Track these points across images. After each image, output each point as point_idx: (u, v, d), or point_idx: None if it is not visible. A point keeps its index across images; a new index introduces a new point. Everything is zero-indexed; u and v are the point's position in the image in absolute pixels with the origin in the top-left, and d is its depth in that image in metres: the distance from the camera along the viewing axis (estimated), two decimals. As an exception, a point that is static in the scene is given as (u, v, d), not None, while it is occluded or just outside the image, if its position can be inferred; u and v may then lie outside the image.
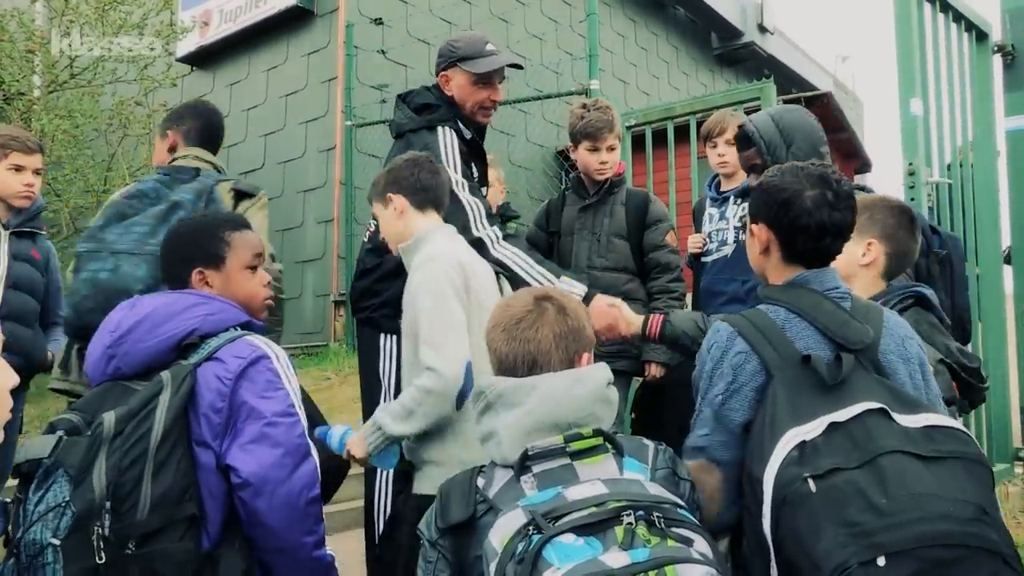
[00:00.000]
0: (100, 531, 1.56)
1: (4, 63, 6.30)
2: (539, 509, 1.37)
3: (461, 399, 2.25)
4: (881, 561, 1.38)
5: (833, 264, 2.15)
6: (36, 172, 3.32)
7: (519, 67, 3.38)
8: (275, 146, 8.56)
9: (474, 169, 3.12)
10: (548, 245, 3.63)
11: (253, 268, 2.10)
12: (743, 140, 2.95)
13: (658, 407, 3.55)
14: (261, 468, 1.73)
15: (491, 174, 4.06)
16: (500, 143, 8.93)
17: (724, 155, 3.77)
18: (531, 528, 1.34)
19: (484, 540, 1.42)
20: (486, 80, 3.20)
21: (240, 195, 2.86)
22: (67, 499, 1.59)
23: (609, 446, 1.54)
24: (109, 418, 1.65)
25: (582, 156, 3.52)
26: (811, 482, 1.47)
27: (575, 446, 1.50)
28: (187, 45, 8.79)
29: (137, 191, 2.72)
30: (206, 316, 1.86)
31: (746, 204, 3.62)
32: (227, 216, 2.18)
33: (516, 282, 2.78)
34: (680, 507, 1.44)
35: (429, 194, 2.62)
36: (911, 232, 2.36)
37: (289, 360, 1.90)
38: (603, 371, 1.66)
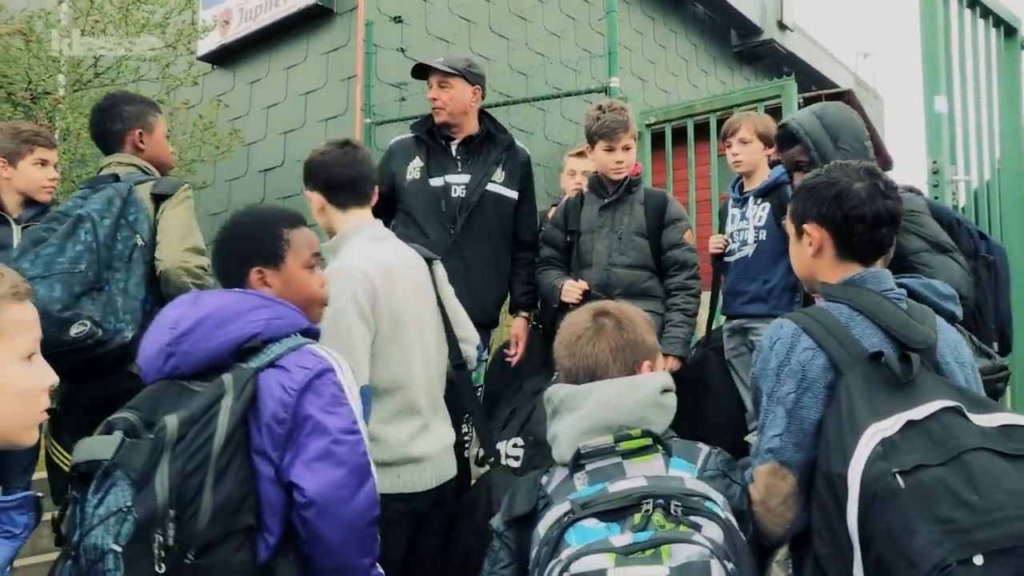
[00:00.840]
0: (162, 539, 1.51)
1: (32, 63, 6.36)
2: (579, 500, 1.50)
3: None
4: (979, 560, 1.37)
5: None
6: (55, 167, 3.40)
7: (427, 70, 3.63)
8: (295, 144, 8.58)
9: (421, 159, 3.56)
10: (567, 245, 3.70)
11: (311, 267, 2.05)
12: (786, 139, 2.95)
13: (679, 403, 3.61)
14: (326, 487, 1.67)
15: (575, 163, 4.36)
16: (519, 140, 8.93)
17: (738, 154, 3.81)
18: (568, 516, 1.47)
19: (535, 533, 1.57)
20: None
21: (159, 198, 2.88)
22: (129, 504, 1.52)
23: (659, 447, 1.65)
24: (172, 421, 1.59)
25: (599, 156, 3.60)
26: (899, 478, 1.46)
27: (624, 446, 1.63)
28: (208, 44, 8.83)
29: (56, 213, 2.80)
30: (269, 320, 1.80)
31: (766, 204, 3.68)
32: (284, 212, 2.10)
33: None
34: (709, 499, 1.52)
35: (344, 192, 2.58)
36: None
37: (349, 368, 1.84)
38: (659, 379, 1.78)
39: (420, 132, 3.72)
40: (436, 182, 3.60)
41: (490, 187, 3.62)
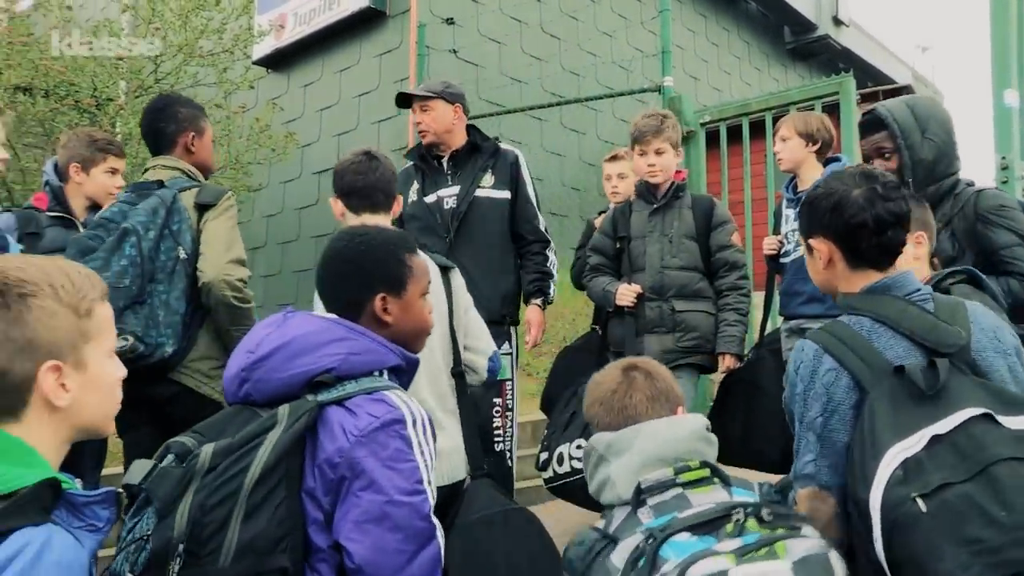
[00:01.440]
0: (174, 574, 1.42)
1: (96, 71, 6.54)
2: (657, 527, 1.48)
3: None
4: None
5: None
6: (122, 175, 3.50)
7: (410, 98, 3.83)
8: (348, 146, 8.68)
9: (418, 182, 3.77)
10: (616, 251, 3.79)
11: (425, 295, 1.96)
12: (871, 125, 2.93)
13: (727, 400, 3.67)
14: (375, 554, 1.52)
15: (609, 167, 4.44)
16: (571, 141, 8.94)
17: (779, 152, 3.83)
18: (649, 541, 1.44)
19: (605, 570, 1.52)
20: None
21: (202, 207, 2.88)
22: (148, 533, 1.45)
23: (716, 479, 1.64)
24: (207, 451, 1.50)
25: (634, 159, 3.75)
26: (920, 502, 1.41)
27: (684, 477, 1.63)
28: (263, 48, 8.98)
29: (102, 220, 2.81)
30: (348, 355, 1.67)
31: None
32: (402, 236, 1.99)
33: None
34: (787, 508, 1.54)
35: (356, 197, 2.69)
36: (931, 212, 2.43)
37: (429, 422, 1.69)
38: (698, 419, 1.80)
39: (414, 158, 3.91)
40: (430, 199, 3.76)
41: (479, 193, 3.74)
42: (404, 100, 3.86)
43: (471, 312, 2.87)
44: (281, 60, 9.32)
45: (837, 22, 13.87)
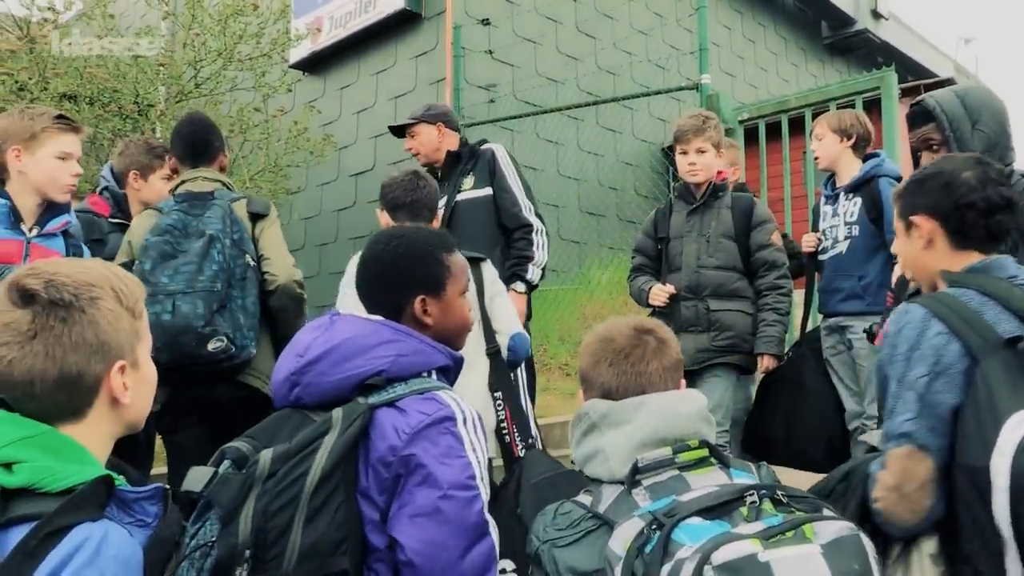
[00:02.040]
0: None
1: (139, 77, 6.65)
2: (659, 511, 1.41)
3: None
4: None
5: (903, 261, 2.19)
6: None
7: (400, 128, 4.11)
8: (385, 148, 8.74)
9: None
10: (657, 252, 3.81)
11: (464, 293, 1.95)
12: (919, 116, 2.89)
13: (767, 399, 3.67)
14: (427, 548, 1.53)
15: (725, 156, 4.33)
16: (607, 140, 8.91)
17: (815, 150, 3.83)
18: (653, 527, 1.38)
19: (593, 552, 1.46)
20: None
21: (255, 216, 3.03)
22: (213, 540, 1.47)
23: (715, 460, 1.58)
24: (266, 457, 1.52)
25: (677, 159, 3.77)
26: None
27: (683, 457, 1.55)
28: (299, 52, 9.06)
29: (167, 226, 2.89)
30: (397, 357, 1.69)
31: (857, 199, 3.63)
32: (440, 236, 2.00)
33: None
34: (800, 491, 1.48)
35: (402, 211, 3.04)
36: None
37: (479, 420, 1.70)
38: (701, 396, 1.71)
39: None
40: None
41: (460, 197, 3.90)
42: (397, 131, 4.14)
43: (498, 298, 3.06)
44: (317, 63, 9.40)
45: (876, 15, 13.67)
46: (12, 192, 2.74)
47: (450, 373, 1.83)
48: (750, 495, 1.40)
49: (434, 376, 1.75)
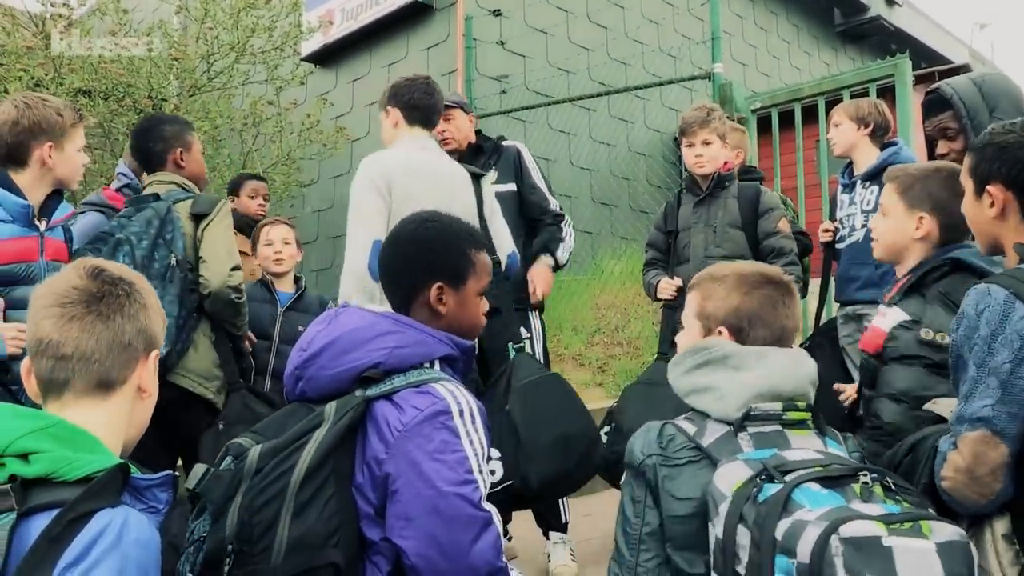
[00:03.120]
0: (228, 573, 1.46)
1: (152, 71, 6.69)
2: (768, 462, 1.48)
3: (372, 271, 2.80)
4: None
5: (883, 239, 2.32)
6: None
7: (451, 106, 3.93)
8: (397, 140, 8.76)
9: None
10: (668, 245, 3.85)
11: (482, 295, 1.96)
12: (935, 104, 2.85)
13: None
14: (430, 548, 1.53)
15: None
16: (619, 131, 8.89)
17: (831, 137, 3.84)
18: (763, 476, 1.46)
19: (694, 483, 1.58)
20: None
21: (198, 217, 3.01)
22: (204, 535, 1.50)
23: (812, 424, 1.67)
24: (254, 452, 1.54)
25: (683, 151, 3.80)
26: None
27: (791, 416, 1.65)
28: (311, 45, 9.06)
29: (101, 233, 2.94)
30: (394, 349, 1.69)
31: (874, 187, 3.62)
32: (472, 230, 2.01)
33: None
34: (902, 479, 1.53)
35: (417, 112, 3.15)
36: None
37: (477, 410, 1.69)
38: (812, 361, 1.78)
39: None
40: None
41: None
42: None
43: (497, 217, 3.24)
44: (329, 56, 9.41)
45: (889, 2, 13.56)
46: (26, 183, 2.72)
47: (457, 363, 1.83)
48: (863, 475, 1.46)
49: (437, 366, 1.75)
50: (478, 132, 4.11)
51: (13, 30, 6.26)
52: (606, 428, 3.36)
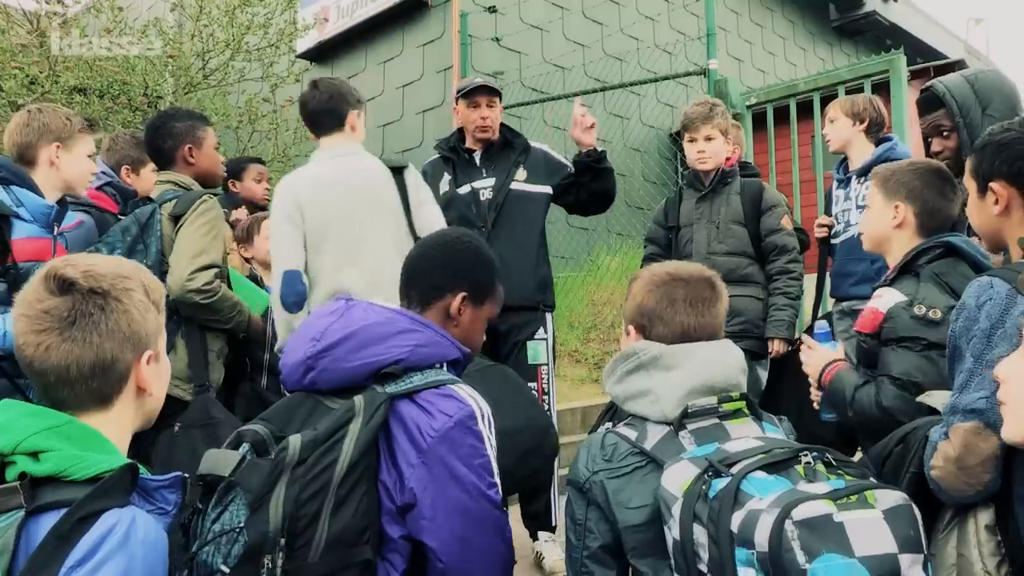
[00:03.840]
0: (270, 566, 1.44)
1: (147, 69, 6.69)
2: (712, 457, 1.52)
3: (284, 301, 2.96)
4: None
5: (865, 229, 2.37)
6: None
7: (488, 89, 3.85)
8: (393, 136, 8.76)
9: (449, 173, 3.85)
10: (668, 241, 3.86)
11: (486, 321, 1.98)
12: (929, 102, 2.86)
13: (779, 383, 3.65)
14: (462, 549, 1.56)
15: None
16: (614, 126, 8.89)
17: (827, 133, 3.84)
18: (709, 473, 1.49)
19: (644, 489, 1.61)
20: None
21: (175, 219, 2.94)
22: (241, 525, 1.46)
23: (748, 411, 1.72)
24: (295, 443, 1.51)
25: (685, 147, 3.80)
26: None
27: (726, 407, 1.68)
28: (306, 42, 9.07)
29: (95, 247, 2.91)
30: (416, 347, 1.70)
31: (869, 183, 3.62)
32: (496, 263, 2.02)
33: None
34: (840, 453, 1.58)
35: (313, 123, 3.26)
36: (940, 189, 2.32)
37: (490, 411, 1.72)
38: (737, 347, 1.83)
39: (444, 150, 3.96)
40: (463, 190, 3.82)
41: (513, 186, 3.80)
42: (476, 91, 3.90)
43: (426, 206, 3.20)
44: (325, 53, 9.41)
45: (885, -3, 13.59)
46: (38, 186, 2.79)
47: (459, 366, 1.85)
48: (804, 455, 1.51)
49: (445, 368, 1.77)
50: (504, 124, 4.02)
51: (8, 28, 6.25)
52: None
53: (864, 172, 3.66)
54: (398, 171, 3.19)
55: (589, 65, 8.72)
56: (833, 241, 3.83)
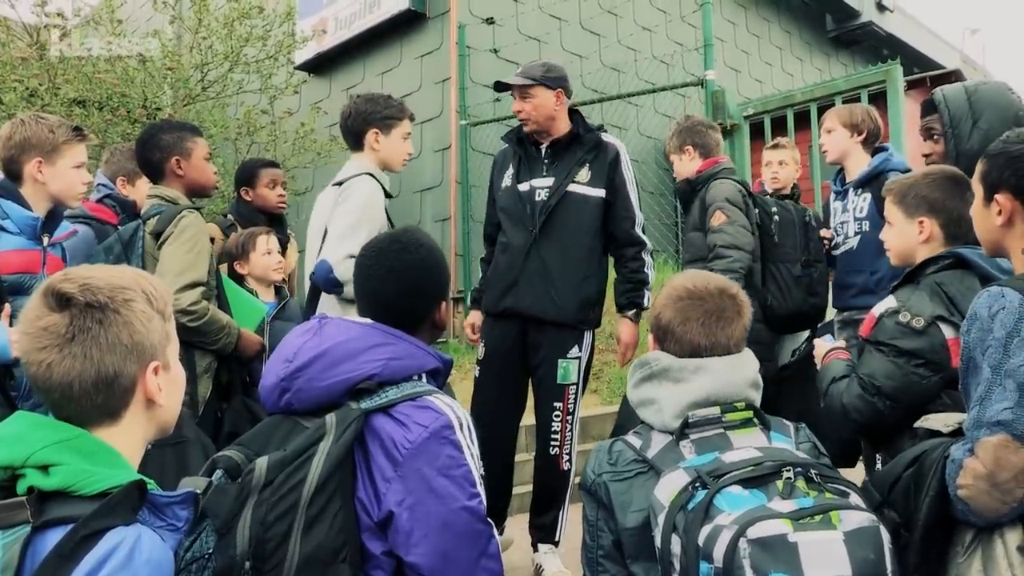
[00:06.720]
0: None
1: (147, 81, 6.70)
2: (703, 468, 1.54)
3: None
4: None
5: (892, 247, 2.37)
6: None
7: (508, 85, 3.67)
8: (391, 148, 8.75)
9: (513, 166, 3.69)
10: None
11: None
12: (928, 105, 2.90)
13: (776, 398, 3.62)
14: (444, 563, 1.53)
15: (783, 154, 4.44)
16: (611, 136, 8.91)
17: (824, 144, 3.85)
18: (696, 484, 1.51)
19: (643, 495, 1.63)
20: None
21: (156, 235, 2.91)
22: (210, 552, 1.45)
23: (757, 421, 1.72)
24: (261, 465, 1.49)
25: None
26: None
27: (730, 417, 1.70)
28: (304, 53, 9.06)
29: (97, 250, 2.96)
30: (389, 360, 1.67)
31: (867, 194, 3.64)
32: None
33: None
34: (831, 468, 1.58)
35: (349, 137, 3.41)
36: (961, 196, 2.27)
37: (470, 422, 1.68)
38: (755, 362, 1.83)
39: (510, 141, 3.79)
40: (523, 187, 3.63)
41: (572, 188, 3.54)
42: (503, 87, 3.73)
43: (341, 220, 3.19)
44: (323, 64, 9.41)
45: (881, 8, 13.62)
46: (26, 199, 2.76)
47: (439, 376, 1.83)
48: (787, 471, 1.51)
49: (424, 379, 1.75)
50: (578, 115, 3.71)
51: (8, 41, 6.27)
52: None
53: (862, 184, 3.67)
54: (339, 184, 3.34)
55: (587, 76, 8.74)
56: (833, 253, 3.83)
